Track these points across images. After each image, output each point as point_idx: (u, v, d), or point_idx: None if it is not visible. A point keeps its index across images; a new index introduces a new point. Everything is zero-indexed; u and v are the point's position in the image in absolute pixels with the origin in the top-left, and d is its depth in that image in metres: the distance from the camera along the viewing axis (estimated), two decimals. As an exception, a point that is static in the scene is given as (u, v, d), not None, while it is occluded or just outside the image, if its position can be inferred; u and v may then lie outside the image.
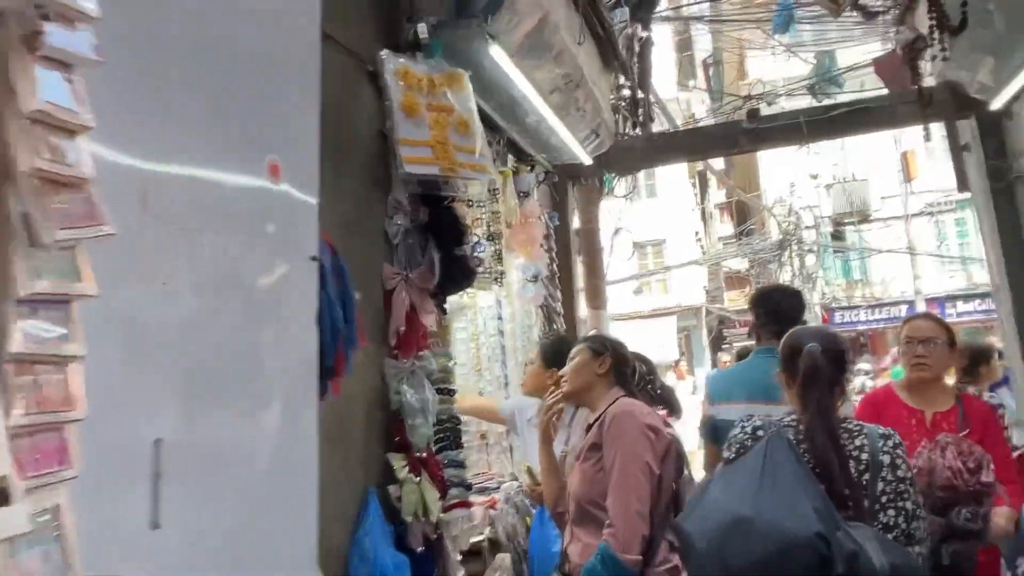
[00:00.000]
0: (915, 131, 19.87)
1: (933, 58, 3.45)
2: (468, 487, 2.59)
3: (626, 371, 2.65)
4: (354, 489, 2.27)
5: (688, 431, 5.45)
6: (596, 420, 2.57)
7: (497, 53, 3.00)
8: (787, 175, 19.43)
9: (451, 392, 2.65)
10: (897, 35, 3.54)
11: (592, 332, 3.24)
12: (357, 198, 2.46)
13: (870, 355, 19.58)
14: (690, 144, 5.05)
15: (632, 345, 2.75)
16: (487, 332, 4.34)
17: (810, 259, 19.06)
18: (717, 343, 24.50)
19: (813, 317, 18.29)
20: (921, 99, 3.78)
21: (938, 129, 20.13)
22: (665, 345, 20.87)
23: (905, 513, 1.83)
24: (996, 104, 3.74)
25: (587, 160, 4.61)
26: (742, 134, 4.66)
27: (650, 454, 2.38)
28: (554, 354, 3.16)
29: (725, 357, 14.24)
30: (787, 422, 1.99)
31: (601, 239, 8.66)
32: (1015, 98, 3.73)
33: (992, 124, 4.25)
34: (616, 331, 18.54)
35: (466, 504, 2.58)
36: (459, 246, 2.66)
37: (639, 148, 5.13)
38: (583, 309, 7.84)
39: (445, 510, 2.53)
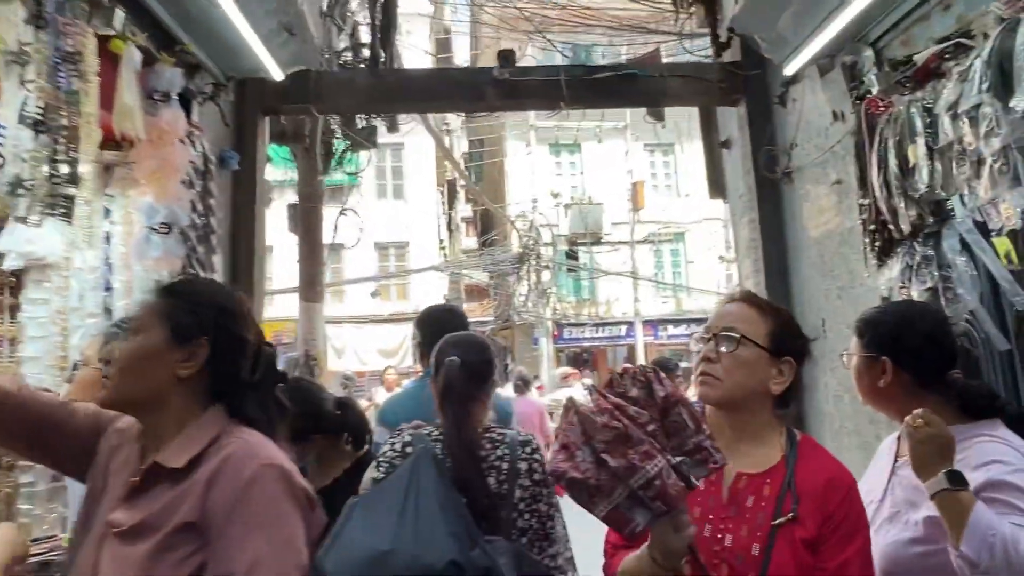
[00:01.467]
0: (644, 163, 21.27)
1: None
2: None
3: (237, 370, 1.34)
4: None
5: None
6: (187, 468, 1.26)
7: None
8: (530, 192, 19.62)
9: None
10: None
11: (181, 277, 1.92)
12: None
13: (592, 371, 20.38)
14: (428, 89, 3.94)
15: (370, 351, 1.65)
16: (84, 309, 2.77)
17: (546, 275, 19.31)
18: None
19: (545, 332, 18.50)
20: (715, 44, 3.08)
21: (663, 166, 21.44)
22: (400, 352, 19.88)
23: (539, 515, 1.88)
24: (789, 69, 3.16)
25: (277, 73, 3.26)
26: (492, 84, 3.67)
27: (306, 546, 1.26)
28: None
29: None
30: (435, 435, 1.95)
31: (326, 223, 7.34)
32: (802, 72, 3.16)
33: (761, 114, 3.73)
34: (346, 333, 16.98)
35: None
36: None
37: (362, 85, 3.90)
38: (289, 298, 6.40)
39: None
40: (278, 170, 20.56)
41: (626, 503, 1.28)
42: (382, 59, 6.83)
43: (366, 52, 6.41)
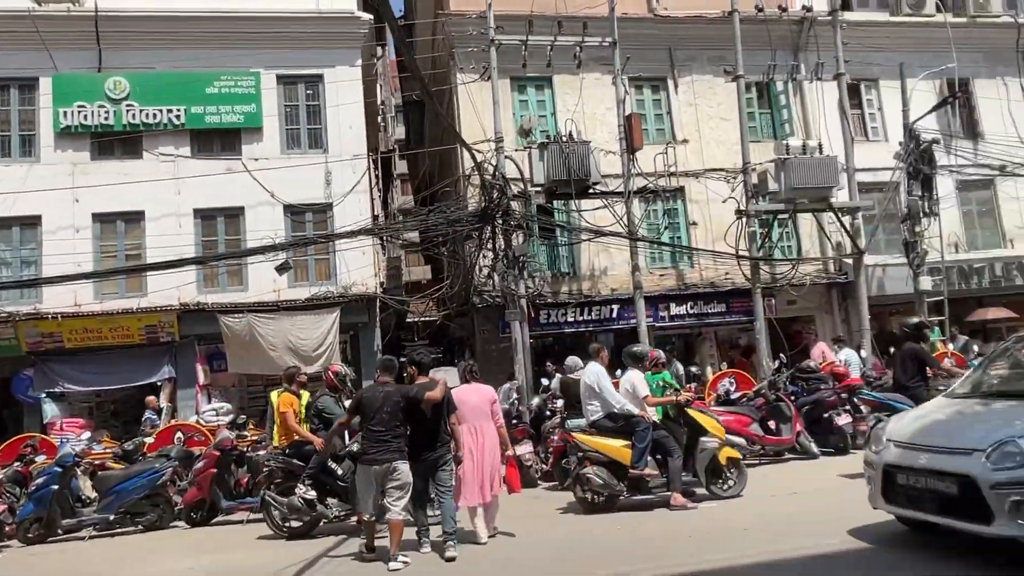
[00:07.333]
0: (630, 102, 16.63)
1: None
2: None
3: None
4: None
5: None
6: None
7: None
8: (488, 134, 14.85)
9: None
10: None
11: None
12: None
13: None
14: None
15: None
16: None
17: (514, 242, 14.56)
18: (395, 350, 18.90)
19: (519, 314, 13.76)
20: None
21: (653, 106, 16.31)
22: (323, 348, 14.89)
23: None
24: None
25: None
26: None
27: None
28: None
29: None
30: None
31: None
32: None
33: None
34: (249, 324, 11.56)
35: None
36: None
37: None
38: None
39: None
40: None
41: None
42: None
43: None
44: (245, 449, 10.28)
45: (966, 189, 18.50)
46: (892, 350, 14.59)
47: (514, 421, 10.99)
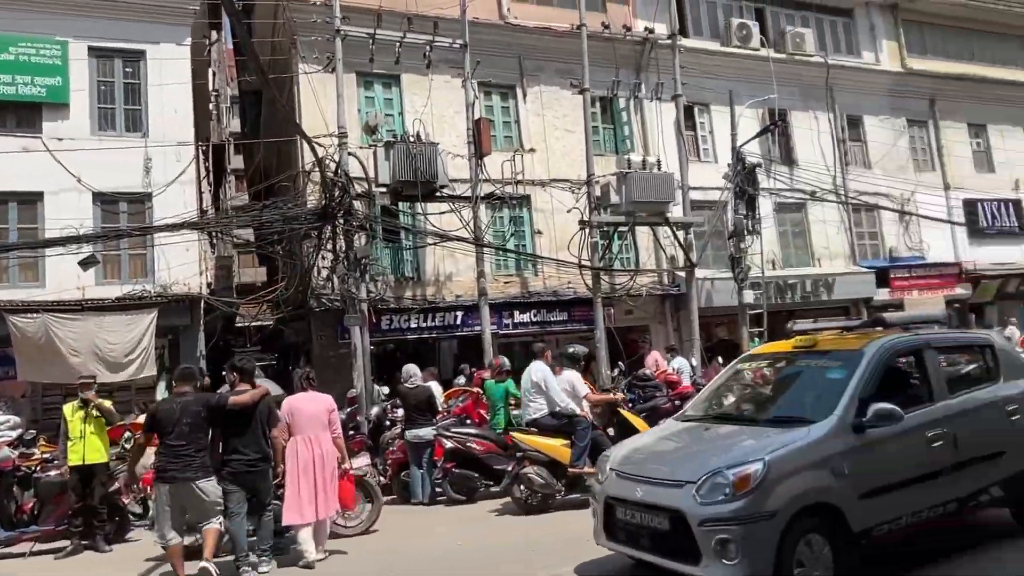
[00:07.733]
0: (479, 108, 16.51)
1: None
2: None
3: None
4: None
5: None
6: None
7: None
8: (331, 130, 14.08)
9: None
10: None
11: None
12: None
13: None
14: None
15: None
16: None
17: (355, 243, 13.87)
18: (223, 356, 17.40)
19: (360, 319, 13.10)
20: None
21: (502, 113, 16.29)
22: (137, 352, 13.35)
23: None
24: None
25: None
26: None
27: None
28: None
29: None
30: None
31: None
32: None
33: None
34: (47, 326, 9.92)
35: None
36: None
37: None
38: None
39: None
40: None
41: None
42: None
43: None
44: (32, 469, 8.92)
45: (782, 211, 20.10)
46: (721, 359, 15.63)
47: (351, 432, 10.39)
